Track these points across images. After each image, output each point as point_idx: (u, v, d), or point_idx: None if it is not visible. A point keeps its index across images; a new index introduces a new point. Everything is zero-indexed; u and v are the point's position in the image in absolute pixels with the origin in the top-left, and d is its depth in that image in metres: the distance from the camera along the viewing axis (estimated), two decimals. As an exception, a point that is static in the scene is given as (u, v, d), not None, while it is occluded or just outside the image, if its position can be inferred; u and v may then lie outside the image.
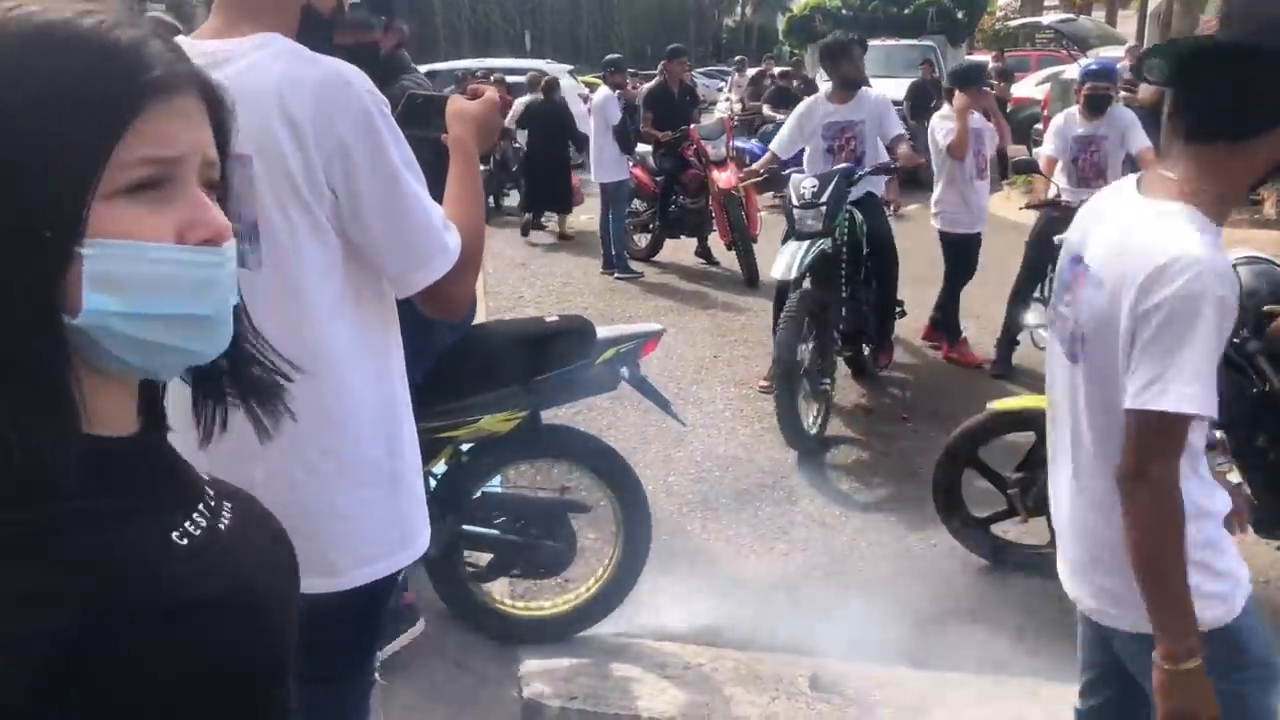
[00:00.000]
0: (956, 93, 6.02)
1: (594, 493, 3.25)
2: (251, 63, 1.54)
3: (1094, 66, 6.15)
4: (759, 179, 6.39)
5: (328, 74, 1.54)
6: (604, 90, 9.36)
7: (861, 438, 5.25)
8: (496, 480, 3.23)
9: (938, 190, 6.21)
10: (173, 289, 0.70)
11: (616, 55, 10.23)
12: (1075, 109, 5.81)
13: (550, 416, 3.19)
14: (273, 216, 1.56)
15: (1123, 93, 6.71)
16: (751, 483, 4.63)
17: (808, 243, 5.16)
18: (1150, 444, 1.51)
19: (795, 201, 5.32)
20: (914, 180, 8.82)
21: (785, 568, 3.85)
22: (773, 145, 6.11)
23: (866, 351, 5.87)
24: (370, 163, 1.55)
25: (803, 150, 6.01)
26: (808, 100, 6.09)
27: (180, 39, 1.64)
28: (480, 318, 7.15)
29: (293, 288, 1.59)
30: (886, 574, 3.77)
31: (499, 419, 2.90)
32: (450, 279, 1.64)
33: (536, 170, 10.58)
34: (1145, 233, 1.53)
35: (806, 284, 5.21)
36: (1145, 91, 6.52)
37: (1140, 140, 5.51)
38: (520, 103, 12.17)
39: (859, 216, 5.54)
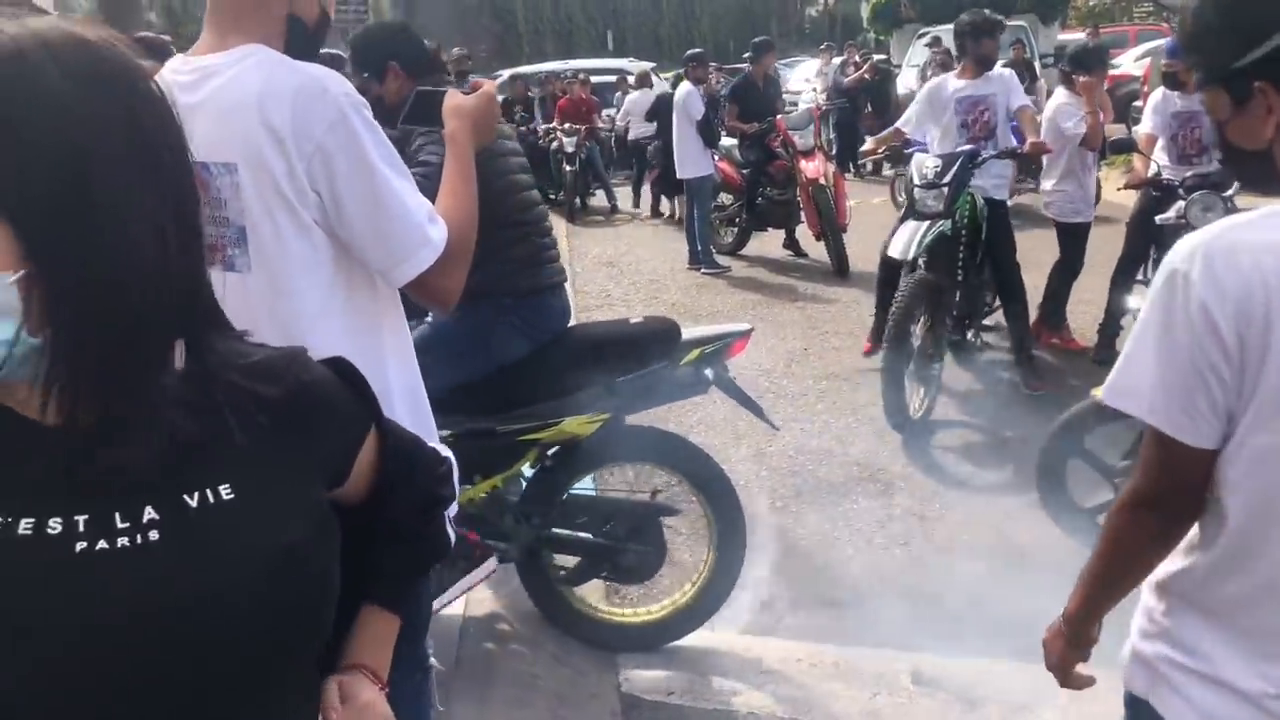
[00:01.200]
0: (1082, 78, 5.83)
1: (685, 494, 3.23)
2: (235, 75, 1.61)
3: (1171, 43, 5.87)
4: (879, 156, 6.29)
5: (305, 81, 1.61)
6: (685, 85, 9.24)
7: (961, 426, 5.14)
8: (587, 483, 3.22)
9: (1055, 179, 5.98)
10: None
11: (698, 49, 10.14)
12: None
13: (638, 417, 3.16)
14: (260, 220, 1.63)
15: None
16: (846, 475, 4.57)
17: (927, 224, 5.13)
18: None
19: (917, 181, 5.29)
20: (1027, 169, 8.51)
21: (884, 561, 3.78)
22: (899, 123, 6.05)
23: (971, 335, 5.78)
24: (349, 163, 1.61)
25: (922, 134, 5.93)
26: (935, 80, 6.02)
27: (177, 57, 1.73)
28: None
29: (281, 287, 1.67)
30: (989, 566, 3.67)
31: (581, 421, 2.88)
32: (436, 271, 1.69)
33: (668, 159, 10.74)
34: None
35: (921, 266, 5.19)
36: None
37: None
38: (632, 98, 13.23)
39: (980, 201, 5.44)
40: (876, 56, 17.26)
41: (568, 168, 12.12)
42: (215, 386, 0.91)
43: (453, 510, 1.18)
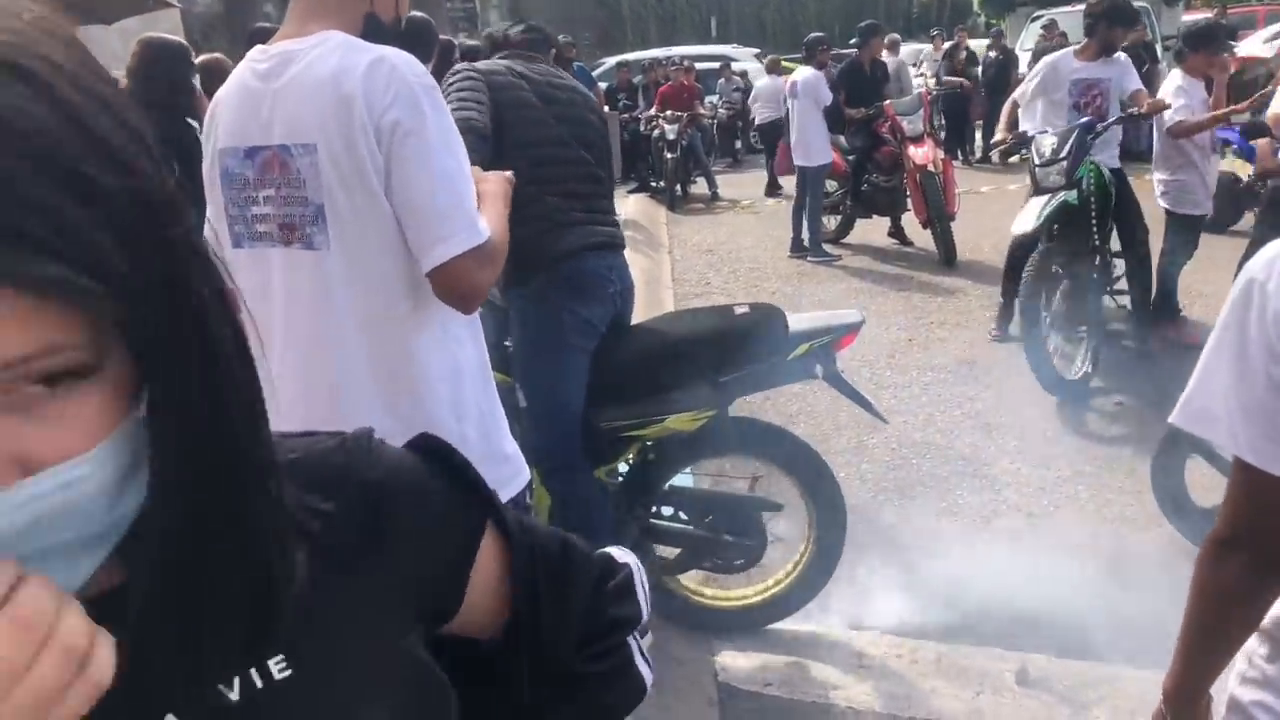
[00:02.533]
0: (1191, 55, 5.59)
1: (784, 481, 3.20)
2: (313, 59, 1.68)
3: None
4: (1007, 146, 6.20)
5: (375, 58, 1.67)
6: (809, 70, 8.92)
7: (1073, 422, 4.99)
8: (687, 472, 3.22)
9: (1170, 169, 5.70)
10: None
11: (819, 34, 9.85)
12: None
13: (739, 403, 3.13)
14: (338, 197, 1.68)
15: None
16: (951, 470, 4.47)
17: (1048, 196, 5.22)
18: None
19: (1037, 160, 5.37)
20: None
21: (989, 558, 3.69)
22: (1016, 95, 6.04)
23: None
24: (411, 136, 1.65)
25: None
26: (1056, 54, 5.93)
27: (257, 47, 1.78)
28: (668, 305, 7.20)
29: (358, 263, 1.71)
30: (1101, 566, 3.56)
31: (686, 418, 2.85)
32: (473, 259, 1.67)
33: None
34: None
35: (1053, 237, 5.32)
36: None
37: None
38: (762, 83, 13.48)
39: (1106, 172, 5.44)
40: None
41: (669, 155, 12.10)
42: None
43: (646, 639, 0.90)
